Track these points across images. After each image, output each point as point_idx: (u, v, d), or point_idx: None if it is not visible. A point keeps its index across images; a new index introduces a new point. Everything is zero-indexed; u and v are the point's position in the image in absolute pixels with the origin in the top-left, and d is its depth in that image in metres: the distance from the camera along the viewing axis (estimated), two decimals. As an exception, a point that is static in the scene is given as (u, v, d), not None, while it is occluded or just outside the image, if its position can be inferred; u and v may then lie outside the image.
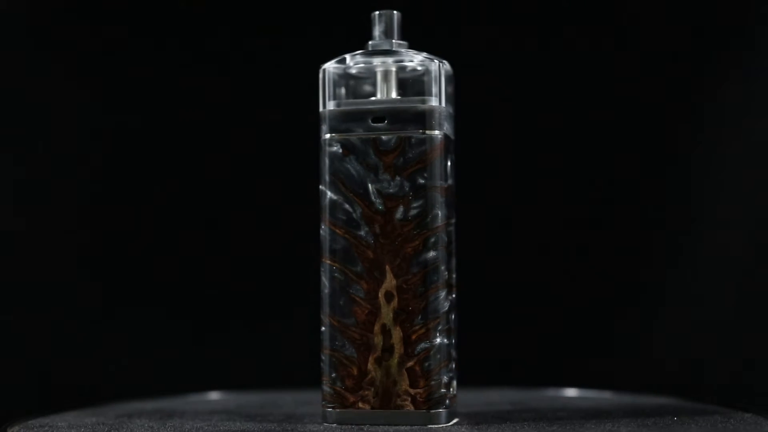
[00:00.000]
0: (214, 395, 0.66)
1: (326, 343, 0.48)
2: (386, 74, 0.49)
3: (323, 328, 0.48)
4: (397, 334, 0.48)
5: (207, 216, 0.79)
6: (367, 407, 0.48)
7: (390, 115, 0.48)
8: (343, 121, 0.48)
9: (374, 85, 0.50)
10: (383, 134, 0.48)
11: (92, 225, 0.78)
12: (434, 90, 0.49)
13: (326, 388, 0.48)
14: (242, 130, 0.79)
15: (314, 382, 0.52)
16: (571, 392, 0.65)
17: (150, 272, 0.78)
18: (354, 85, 0.51)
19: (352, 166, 0.48)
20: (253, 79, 0.79)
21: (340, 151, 0.48)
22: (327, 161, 0.49)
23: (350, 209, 0.48)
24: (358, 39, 0.51)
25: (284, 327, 0.78)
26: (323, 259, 0.48)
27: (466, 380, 0.50)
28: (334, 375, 0.48)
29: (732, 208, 0.77)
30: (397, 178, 0.48)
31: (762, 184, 0.77)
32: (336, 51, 0.50)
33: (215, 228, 0.79)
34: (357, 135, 0.48)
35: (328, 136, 0.49)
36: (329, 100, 0.49)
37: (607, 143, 0.79)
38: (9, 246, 0.77)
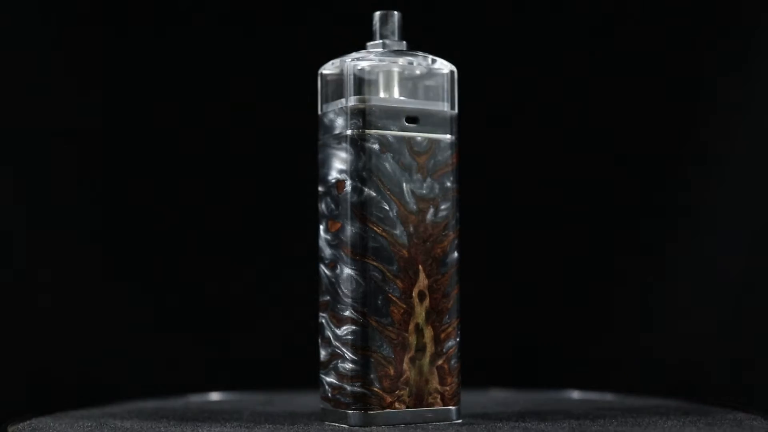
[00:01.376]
0: (214, 395, 0.66)
1: (362, 343, 0.47)
2: (389, 75, 0.49)
3: (355, 328, 0.47)
4: (428, 333, 0.48)
5: (207, 216, 0.79)
6: (403, 407, 0.47)
7: (421, 117, 0.49)
8: (381, 117, 0.48)
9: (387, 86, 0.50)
10: (417, 135, 0.49)
11: (92, 225, 0.78)
12: (455, 95, 0.50)
13: (357, 389, 0.47)
14: (242, 130, 0.79)
15: (314, 382, 0.52)
16: (571, 393, 0.65)
17: (150, 272, 0.78)
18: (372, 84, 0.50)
19: (389, 164, 0.48)
20: (253, 79, 0.79)
21: (378, 147, 0.48)
22: (364, 157, 0.48)
23: (387, 207, 0.48)
24: (361, 38, 0.51)
25: (284, 327, 0.78)
26: (356, 257, 0.47)
27: (466, 380, 0.50)
28: (372, 376, 0.47)
29: (733, 208, 0.77)
30: (428, 179, 0.49)
31: (762, 184, 0.77)
32: (334, 51, 0.50)
33: (215, 228, 0.79)
34: (393, 132, 0.48)
35: (357, 131, 0.48)
36: (354, 95, 0.48)
37: (607, 143, 0.79)
38: (8, 245, 0.77)
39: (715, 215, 0.78)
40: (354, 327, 0.47)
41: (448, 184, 0.49)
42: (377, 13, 0.50)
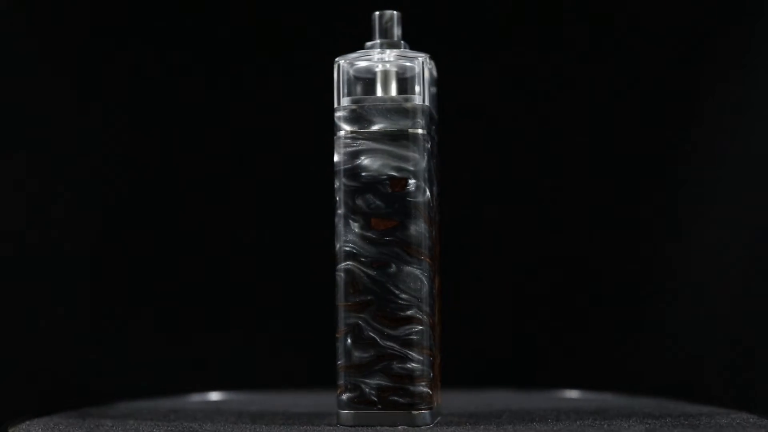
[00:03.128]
0: (214, 395, 0.66)
1: (428, 342, 0.47)
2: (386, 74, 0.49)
3: (420, 328, 0.47)
4: None
5: (207, 216, 0.79)
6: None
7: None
8: (432, 118, 0.49)
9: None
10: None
11: (92, 225, 0.78)
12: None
13: (423, 389, 0.47)
14: (242, 130, 0.79)
15: (313, 383, 0.52)
16: (571, 393, 0.65)
17: (150, 272, 0.78)
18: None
19: (437, 167, 0.49)
20: (253, 79, 0.79)
21: (431, 148, 0.48)
22: (426, 156, 0.48)
23: (436, 209, 0.49)
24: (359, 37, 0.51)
25: (284, 327, 0.78)
26: (421, 257, 0.47)
27: (466, 380, 0.50)
28: (432, 375, 0.47)
29: (732, 208, 0.77)
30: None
31: (762, 184, 0.76)
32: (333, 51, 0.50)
33: (215, 228, 0.79)
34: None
35: (421, 131, 0.48)
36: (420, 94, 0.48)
37: (606, 144, 0.79)
38: (9, 246, 0.77)
39: (715, 215, 0.78)
40: (419, 327, 0.47)
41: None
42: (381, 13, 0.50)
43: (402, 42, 0.50)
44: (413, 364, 0.46)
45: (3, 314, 0.76)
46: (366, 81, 0.49)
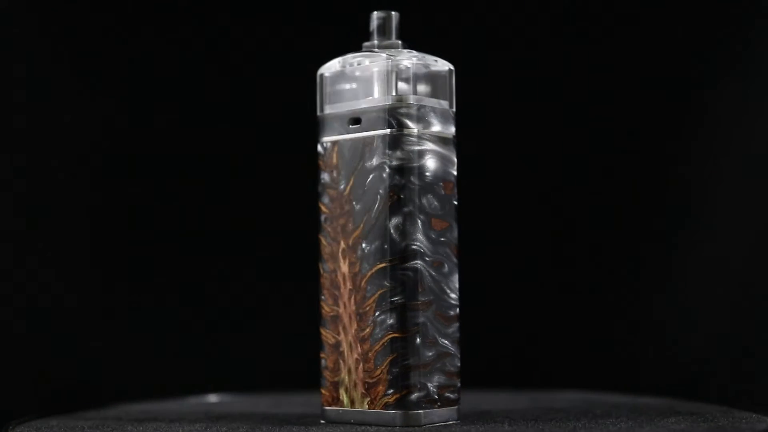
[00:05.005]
0: (213, 397, 0.66)
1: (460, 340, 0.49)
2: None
3: (457, 325, 0.49)
4: None
5: (207, 216, 0.79)
6: None
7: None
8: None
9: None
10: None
11: (92, 226, 0.78)
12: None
13: (458, 384, 0.49)
14: (242, 130, 0.79)
15: (314, 383, 0.52)
16: (571, 393, 0.65)
17: (150, 272, 0.78)
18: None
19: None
20: (253, 80, 0.79)
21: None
22: (455, 161, 0.49)
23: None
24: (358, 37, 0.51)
25: (284, 327, 0.78)
26: (458, 259, 0.49)
27: (466, 380, 0.50)
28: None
29: (732, 208, 0.77)
30: None
31: (762, 184, 0.77)
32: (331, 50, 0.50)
33: (215, 228, 0.79)
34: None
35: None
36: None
37: (606, 144, 0.79)
38: (8, 245, 0.77)
39: (715, 215, 0.78)
40: (457, 324, 0.49)
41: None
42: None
43: (399, 42, 0.50)
44: (458, 362, 0.48)
45: (3, 314, 0.76)
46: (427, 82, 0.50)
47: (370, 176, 0.48)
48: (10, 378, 0.76)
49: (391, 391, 0.47)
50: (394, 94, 0.48)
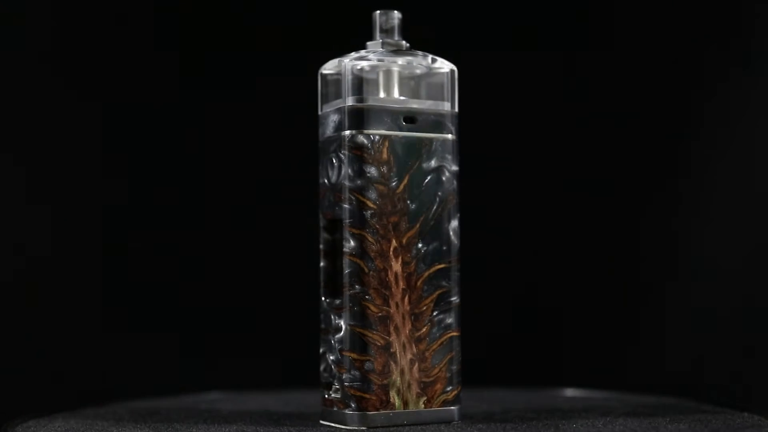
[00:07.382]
0: (213, 396, 0.66)
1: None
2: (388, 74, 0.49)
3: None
4: None
5: (207, 216, 0.79)
6: None
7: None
8: None
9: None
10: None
11: (92, 227, 0.78)
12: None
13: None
14: (242, 129, 0.79)
15: (314, 383, 0.52)
16: (571, 392, 0.65)
17: (150, 272, 0.78)
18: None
19: None
20: (253, 78, 0.79)
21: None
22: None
23: None
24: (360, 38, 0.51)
25: (284, 326, 0.78)
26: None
27: (465, 380, 0.50)
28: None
29: (732, 208, 0.77)
30: None
31: (762, 184, 0.77)
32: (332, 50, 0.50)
33: (215, 228, 0.79)
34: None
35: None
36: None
37: (606, 145, 0.79)
38: (8, 247, 0.77)
39: (715, 215, 0.78)
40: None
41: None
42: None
43: (404, 43, 0.50)
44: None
45: (3, 314, 0.76)
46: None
47: (428, 177, 0.48)
48: (9, 378, 0.76)
49: (449, 388, 0.48)
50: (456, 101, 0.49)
